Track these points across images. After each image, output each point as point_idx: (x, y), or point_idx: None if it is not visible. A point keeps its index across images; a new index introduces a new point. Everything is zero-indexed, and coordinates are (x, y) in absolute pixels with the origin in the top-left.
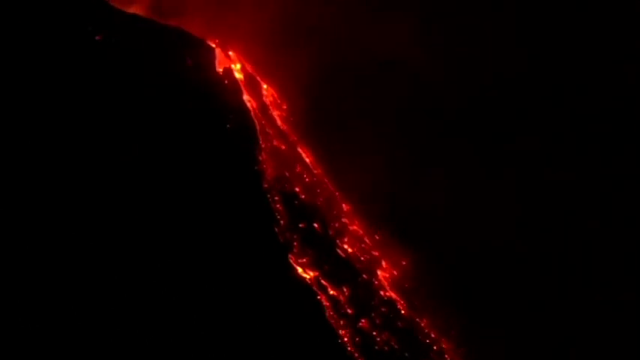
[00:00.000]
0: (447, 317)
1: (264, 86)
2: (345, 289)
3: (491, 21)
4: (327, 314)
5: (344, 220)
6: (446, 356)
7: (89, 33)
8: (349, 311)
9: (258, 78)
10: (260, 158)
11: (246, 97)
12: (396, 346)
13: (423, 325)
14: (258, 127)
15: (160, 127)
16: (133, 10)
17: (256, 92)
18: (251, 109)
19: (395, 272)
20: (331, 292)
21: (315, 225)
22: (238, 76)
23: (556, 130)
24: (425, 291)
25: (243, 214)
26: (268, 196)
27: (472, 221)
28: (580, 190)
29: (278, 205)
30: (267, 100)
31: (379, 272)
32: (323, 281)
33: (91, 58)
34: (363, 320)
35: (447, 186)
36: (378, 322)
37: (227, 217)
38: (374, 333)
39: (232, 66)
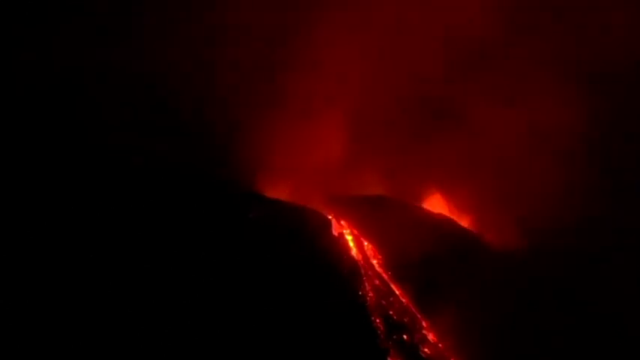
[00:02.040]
0: None
1: (365, 243)
2: None
3: None
4: None
5: (424, 332)
6: None
7: (248, 218)
8: None
9: (362, 238)
10: (364, 292)
11: (353, 251)
12: None
13: None
14: (362, 271)
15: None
16: (277, 196)
17: (360, 248)
18: (357, 259)
19: None
20: None
21: (405, 336)
22: (348, 237)
23: None
24: None
25: (354, 330)
26: (372, 317)
27: None
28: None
29: (379, 324)
30: (368, 252)
31: None
32: None
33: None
34: None
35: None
36: None
37: (341, 331)
38: None
39: (344, 231)
